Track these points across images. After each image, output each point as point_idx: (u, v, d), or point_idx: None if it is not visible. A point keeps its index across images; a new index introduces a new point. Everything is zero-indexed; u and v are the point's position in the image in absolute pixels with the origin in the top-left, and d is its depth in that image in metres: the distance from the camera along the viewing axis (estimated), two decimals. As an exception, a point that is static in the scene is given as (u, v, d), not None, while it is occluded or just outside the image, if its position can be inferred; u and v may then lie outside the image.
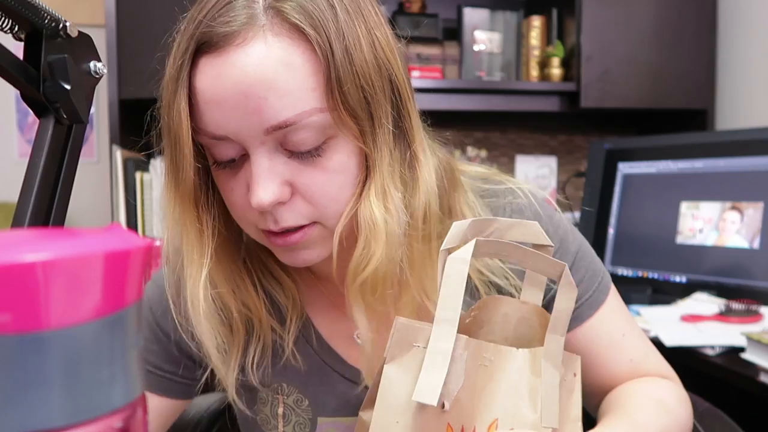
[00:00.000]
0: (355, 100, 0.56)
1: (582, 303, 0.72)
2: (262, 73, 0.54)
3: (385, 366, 0.55)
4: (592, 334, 0.72)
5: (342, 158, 0.58)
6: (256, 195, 0.56)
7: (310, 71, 0.55)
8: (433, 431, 0.54)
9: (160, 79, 0.61)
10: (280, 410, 0.72)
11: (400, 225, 0.59)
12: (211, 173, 0.62)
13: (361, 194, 0.59)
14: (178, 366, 0.73)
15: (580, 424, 0.62)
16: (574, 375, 0.62)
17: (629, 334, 0.75)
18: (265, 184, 0.56)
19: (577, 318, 0.72)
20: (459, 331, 0.56)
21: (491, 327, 0.62)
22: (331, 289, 0.72)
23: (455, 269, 0.53)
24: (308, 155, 0.57)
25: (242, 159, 0.58)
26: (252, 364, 0.69)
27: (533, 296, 0.63)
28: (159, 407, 0.74)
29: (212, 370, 0.70)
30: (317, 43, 0.55)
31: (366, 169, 0.59)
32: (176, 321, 0.69)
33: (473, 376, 0.56)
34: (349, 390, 0.71)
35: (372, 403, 0.55)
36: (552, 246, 0.60)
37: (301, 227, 0.59)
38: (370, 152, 0.58)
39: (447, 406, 0.54)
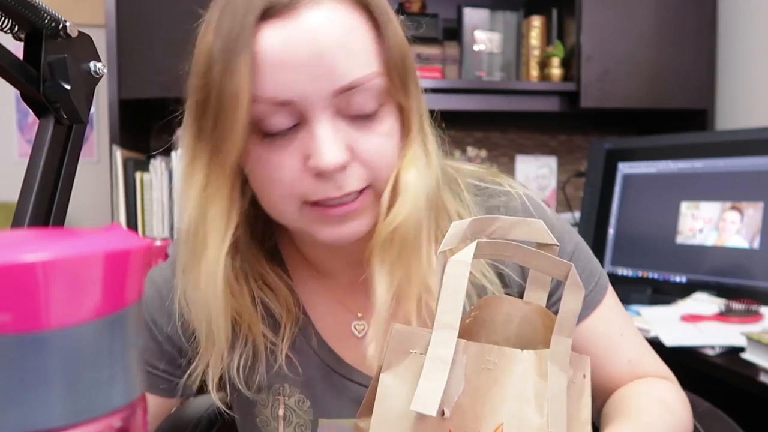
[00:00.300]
0: (400, 69, 0.60)
1: None
2: (334, 34, 0.56)
3: (381, 374, 0.54)
4: (589, 334, 0.72)
5: (391, 124, 0.61)
6: (324, 157, 0.57)
7: (370, 37, 0.59)
8: None
9: (188, 57, 0.62)
10: (281, 412, 0.71)
11: (428, 189, 0.63)
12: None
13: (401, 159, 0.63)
14: (167, 362, 0.72)
15: (589, 427, 0.60)
16: (584, 376, 0.60)
17: (627, 335, 0.75)
18: (333, 146, 0.57)
19: None
20: (459, 334, 0.56)
21: (494, 327, 0.61)
22: (332, 285, 0.72)
23: (456, 272, 0.52)
24: (365, 120, 0.59)
25: (295, 129, 0.59)
26: (237, 368, 0.68)
27: (537, 297, 0.62)
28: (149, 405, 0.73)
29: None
30: (375, 10, 0.59)
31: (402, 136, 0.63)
32: (172, 312, 0.68)
33: (475, 380, 0.55)
34: (349, 390, 0.71)
35: (369, 411, 0.55)
36: (557, 245, 0.59)
37: (359, 194, 0.61)
38: (407, 120, 0.62)
39: (447, 413, 0.53)
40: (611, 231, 1.88)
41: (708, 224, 1.68)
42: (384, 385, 0.53)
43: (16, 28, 0.52)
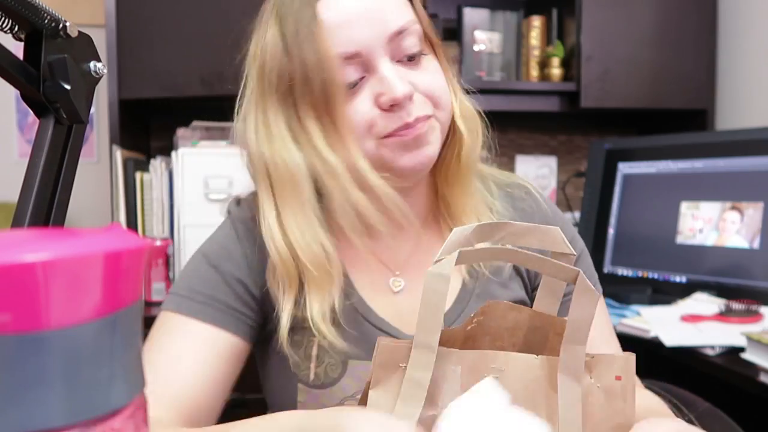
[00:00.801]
0: (426, 21, 0.74)
1: None
2: None
3: (370, 391, 0.52)
4: None
5: (436, 65, 0.74)
6: (396, 89, 0.68)
7: None
8: None
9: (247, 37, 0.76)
10: (314, 351, 0.74)
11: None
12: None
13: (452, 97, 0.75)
14: (245, 305, 0.75)
15: None
16: (617, 378, 0.55)
17: (611, 342, 0.80)
18: (399, 81, 0.69)
19: None
20: (459, 341, 0.54)
21: (499, 334, 0.58)
22: (374, 246, 0.77)
23: (435, 287, 0.50)
24: (415, 61, 0.72)
25: (362, 81, 0.70)
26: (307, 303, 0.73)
27: (548, 303, 0.60)
28: (233, 345, 0.74)
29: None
30: None
31: None
32: (248, 259, 0.75)
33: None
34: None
35: None
36: (574, 254, 0.57)
37: (427, 120, 0.71)
38: (445, 70, 0.75)
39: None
40: (611, 231, 1.88)
41: (708, 224, 1.68)
42: (372, 401, 0.52)
43: (16, 28, 0.52)
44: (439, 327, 0.51)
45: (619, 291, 1.66)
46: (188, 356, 0.70)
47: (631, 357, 0.56)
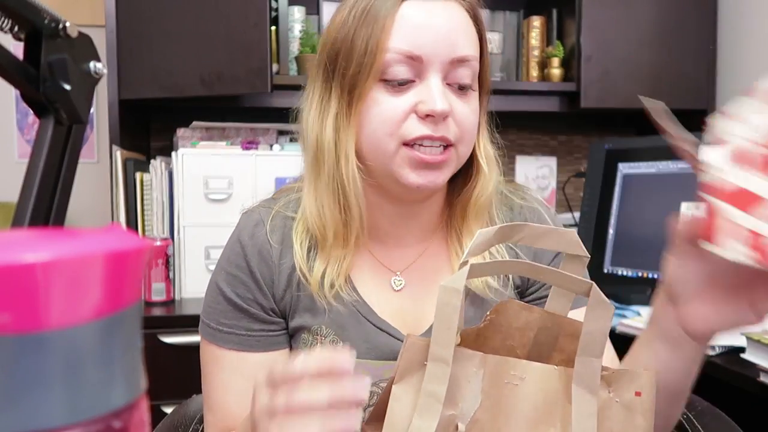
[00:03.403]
0: (485, 67, 0.79)
1: None
2: (461, 20, 0.74)
3: (393, 386, 0.53)
4: None
5: (476, 105, 0.78)
6: (437, 102, 0.71)
7: (474, 32, 0.77)
8: None
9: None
10: (318, 349, 0.77)
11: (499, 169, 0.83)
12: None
13: (478, 136, 0.79)
14: (265, 322, 0.80)
15: None
16: (637, 394, 0.55)
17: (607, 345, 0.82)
18: (443, 97, 0.72)
19: None
20: (472, 340, 0.54)
21: (510, 333, 0.59)
22: (377, 249, 0.82)
23: (448, 301, 0.51)
24: (462, 91, 0.75)
25: (409, 84, 0.73)
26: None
27: (559, 306, 0.60)
28: (267, 361, 0.79)
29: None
30: (480, 22, 0.78)
31: None
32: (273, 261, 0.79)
33: (495, 394, 0.53)
34: (377, 339, 0.78)
35: (378, 419, 0.54)
36: (588, 257, 0.59)
37: (446, 149, 0.74)
38: (482, 114, 0.80)
39: (462, 428, 0.52)
40: (611, 231, 1.88)
41: (708, 224, 1.68)
42: (396, 398, 0.53)
43: (16, 28, 0.52)
44: (452, 341, 0.51)
45: (619, 291, 1.66)
46: (231, 384, 0.78)
47: (652, 374, 0.55)
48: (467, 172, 0.80)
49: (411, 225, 0.82)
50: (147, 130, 2.32)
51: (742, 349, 1.22)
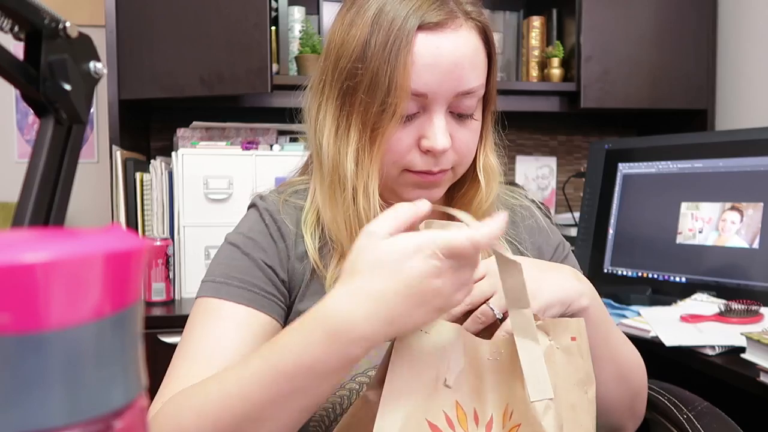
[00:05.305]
0: (493, 84, 0.80)
1: None
2: (468, 52, 0.75)
3: (395, 342, 0.57)
4: None
5: (478, 123, 0.80)
6: (439, 141, 0.74)
7: (483, 57, 0.77)
8: (441, 407, 0.56)
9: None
10: None
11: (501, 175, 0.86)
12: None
13: (478, 151, 0.82)
14: (276, 288, 0.80)
15: (588, 388, 0.63)
16: (572, 339, 0.63)
17: None
18: (444, 134, 0.75)
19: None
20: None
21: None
22: None
23: None
24: (464, 118, 0.77)
25: (415, 116, 0.75)
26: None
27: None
28: (269, 325, 0.78)
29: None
30: (490, 41, 0.78)
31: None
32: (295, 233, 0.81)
33: (477, 364, 0.59)
34: None
35: (379, 384, 0.57)
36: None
37: (446, 170, 0.78)
38: (487, 118, 0.83)
39: (450, 381, 0.57)
40: (611, 231, 1.88)
41: (708, 224, 1.68)
42: (397, 359, 0.57)
43: (16, 28, 0.52)
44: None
45: (619, 291, 1.66)
46: (228, 337, 0.74)
47: (581, 320, 0.65)
48: (465, 183, 0.84)
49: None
50: (147, 130, 2.32)
51: (742, 349, 1.22)
